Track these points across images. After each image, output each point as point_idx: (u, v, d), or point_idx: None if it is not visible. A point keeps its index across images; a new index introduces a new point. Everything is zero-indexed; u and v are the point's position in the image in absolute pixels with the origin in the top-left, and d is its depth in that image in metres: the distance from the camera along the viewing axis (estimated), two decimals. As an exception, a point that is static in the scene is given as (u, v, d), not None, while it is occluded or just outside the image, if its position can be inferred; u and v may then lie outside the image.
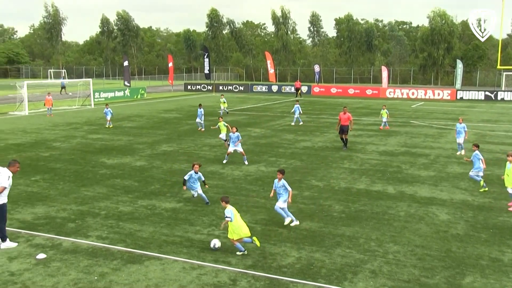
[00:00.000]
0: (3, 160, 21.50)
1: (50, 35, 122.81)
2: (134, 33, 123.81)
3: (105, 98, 54.85)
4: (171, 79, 74.12)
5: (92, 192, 16.49)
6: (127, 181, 17.94)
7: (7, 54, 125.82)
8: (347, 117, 24.75)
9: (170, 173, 19.33)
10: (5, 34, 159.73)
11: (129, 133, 30.14)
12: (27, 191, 16.66)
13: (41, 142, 26.49)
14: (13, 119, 37.50)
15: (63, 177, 18.61)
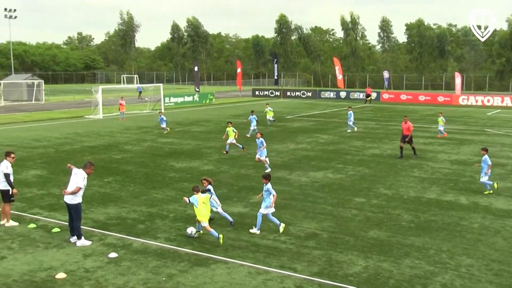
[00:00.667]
0: (79, 162, 22.48)
1: (124, 42, 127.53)
2: (203, 39, 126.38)
3: (175, 103, 56.19)
4: (239, 84, 74.93)
5: (161, 195, 16.90)
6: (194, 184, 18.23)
7: (84, 60, 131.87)
8: (407, 126, 24.13)
9: (237, 178, 19.51)
10: (83, 42, 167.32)
11: (198, 137, 30.70)
12: (100, 192, 17.30)
13: (113, 145, 27.46)
14: (88, 122, 39.12)
15: (134, 179, 19.19)
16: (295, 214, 14.80)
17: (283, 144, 27.88)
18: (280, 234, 13.01)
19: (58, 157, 23.55)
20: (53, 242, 12.40)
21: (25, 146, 26.90)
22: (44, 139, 29.56)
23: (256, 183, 18.48)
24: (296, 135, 31.87)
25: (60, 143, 28.03)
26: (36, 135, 31.39)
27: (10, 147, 26.28)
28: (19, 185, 17.68)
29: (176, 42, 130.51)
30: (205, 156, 24.10)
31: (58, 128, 34.87)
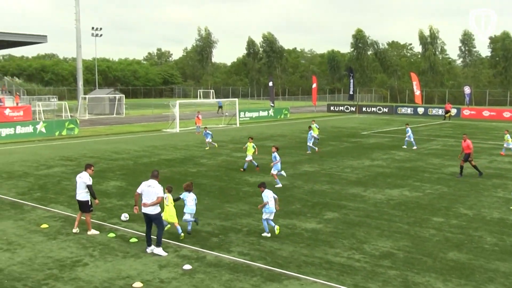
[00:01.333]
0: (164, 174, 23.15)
1: (201, 57, 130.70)
2: (278, 55, 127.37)
3: (250, 117, 56.82)
4: (314, 99, 74.79)
5: (235, 209, 17.07)
6: (269, 199, 18.30)
7: (163, 75, 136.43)
8: (466, 144, 23.24)
9: (311, 193, 19.40)
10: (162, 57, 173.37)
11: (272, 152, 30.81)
12: (176, 204, 17.67)
13: (189, 159, 28.11)
14: (165, 136, 40.30)
15: (208, 192, 19.52)
16: (370, 232, 14.49)
17: (358, 160, 27.47)
18: (353, 251, 12.78)
19: (136, 169, 24.38)
20: (131, 251, 12.81)
21: (106, 158, 28.06)
22: (123, 152, 30.73)
23: (331, 199, 18.30)
24: (372, 151, 31.33)
25: (139, 156, 29.04)
26: (116, 147, 32.70)
27: (92, 159, 27.53)
28: (100, 196, 18.43)
29: (252, 57, 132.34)
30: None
31: (137, 141, 36.17)
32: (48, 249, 12.94)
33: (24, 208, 17.05)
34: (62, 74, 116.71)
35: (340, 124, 52.18)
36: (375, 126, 49.82)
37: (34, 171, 23.89)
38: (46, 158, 27.73)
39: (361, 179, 22.20)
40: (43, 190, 19.68)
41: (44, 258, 12.32)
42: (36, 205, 17.44)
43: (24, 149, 31.87)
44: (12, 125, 38.01)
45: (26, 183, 21.22)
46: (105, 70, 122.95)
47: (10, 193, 19.31)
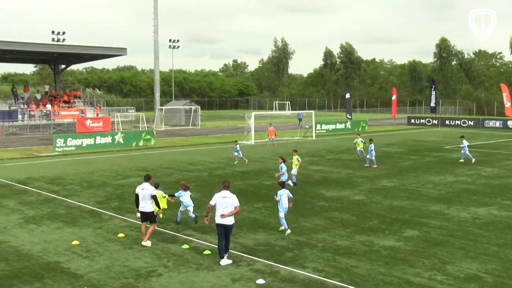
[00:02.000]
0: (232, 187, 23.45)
1: (277, 68, 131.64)
2: (356, 65, 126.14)
3: (326, 130, 56.48)
4: (394, 112, 73.31)
5: (310, 223, 16.96)
6: (345, 215, 18.09)
7: (238, 86, 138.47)
8: None
9: (389, 209, 18.97)
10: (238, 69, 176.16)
11: (349, 166, 30.47)
12: (250, 217, 17.84)
13: (263, 171, 28.27)
14: (240, 147, 40.70)
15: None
16: (453, 252, 13.94)
17: (441, 176, 26.58)
18: (435, 272, 12.33)
19: (211, 181, 24.81)
20: (204, 264, 13.01)
21: (181, 169, 28.76)
22: (198, 163, 31.38)
23: (410, 216, 17.81)
24: (455, 166, 30.24)
25: (213, 167, 29.55)
26: (191, 159, 33.45)
27: (168, 170, 28.32)
28: (175, 207, 18.95)
29: (329, 68, 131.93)
30: (356, 186, 23.80)
31: (211, 153, 36.84)
32: (124, 258, 13.41)
33: (102, 217, 17.78)
34: (140, 85, 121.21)
35: (421, 138, 50.78)
36: (459, 140, 48.00)
37: (112, 181, 24.88)
38: (123, 168, 28.81)
39: (444, 196, 21.46)
40: (120, 200, 20.44)
41: (121, 266, 12.77)
42: (114, 214, 18.14)
43: (103, 159, 33.28)
44: (92, 136, 39.82)
45: (104, 192, 22.13)
46: (181, 82, 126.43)
47: (89, 201, 20.21)
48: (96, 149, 38.31)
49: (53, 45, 54.48)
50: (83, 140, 38.60)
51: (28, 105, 52.40)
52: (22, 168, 29.51)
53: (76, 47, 51.95)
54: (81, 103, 58.67)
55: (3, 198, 20.94)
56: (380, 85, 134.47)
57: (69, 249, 14.12)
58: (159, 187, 16.50)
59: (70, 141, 37.93)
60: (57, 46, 54.59)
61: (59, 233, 15.74)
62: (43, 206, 19.43)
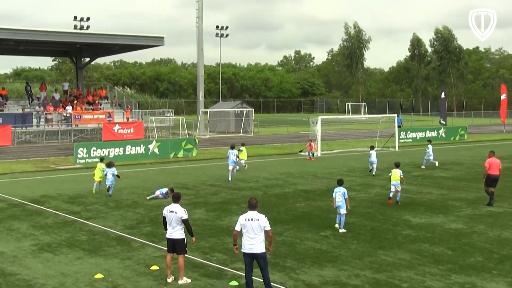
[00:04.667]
0: (291, 209, 23.46)
1: (350, 61, 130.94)
2: (455, 56, 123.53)
3: (413, 138, 55.73)
4: (503, 116, 71.54)
5: (392, 258, 16.71)
6: (438, 248, 17.72)
7: (301, 84, 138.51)
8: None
9: (498, 243, 18.45)
10: (301, 62, 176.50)
11: (443, 185, 29.88)
12: (315, 248, 17.73)
13: (332, 190, 28.02)
14: (303, 160, 40.73)
15: (357, 234, 19.32)
16: None
17: None
18: None
19: (267, 202, 24.85)
20: (257, 305, 12.99)
21: (229, 187, 28.95)
22: (251, 179, 31.50)
23: (525, 252, 17.25)
24: None
25: (270, 185, 29.59)
26: (242, 174, 33.60)
27: (213, 188, 28.57)
28: (220, 233, 19.03)
29: (417, 60, 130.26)
30: (452, 210, 23.30)
31: (267, 166, 36.92)
32: (157, 296, 13.56)
33: (132, 245, 18.08)
34: (179, 83, 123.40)
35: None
36: None
37: (145, 201, 25.30)
38: (159, 185, 29.24)
39: None
40: (154, 224, 20.73)
41: (153, 307, 12.91)
42: (146, 241, 18.41)
43: (134, 173, 33.94)
44: (121, 144, 40.70)
45: (135, 214, 22.52)
46: (230, 78, 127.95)
47: (117, 226, 20.61)
48: (126, 161, 39.12)
49: (75, 34, 55.76)
50: (110, 150, 39.51)
51: (44, 107, 53.93)
52: (37, 183, 30.45)
53: (102, 36, 53.11)
54: (108, 104, 60.13)
55: (14, 220, 21.64)
56: (485, 82, 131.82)
57: (91, 284, 14.41)
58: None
59: (95, 151, 38.89)
60: (80, 35, 56.08)
61: (79, 264, 16.09)
62: (60, 231, 19.95)
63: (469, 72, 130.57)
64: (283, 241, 18.29)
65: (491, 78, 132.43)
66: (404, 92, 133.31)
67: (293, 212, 22.92)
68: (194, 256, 16.57)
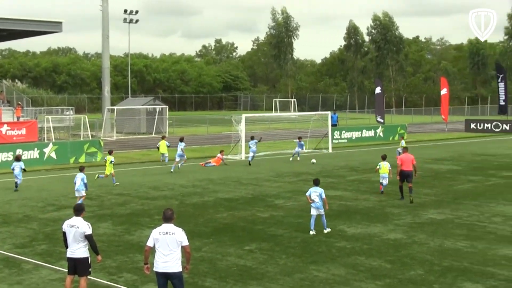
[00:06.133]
0: (212, 220, 23.40)
1: (278, 52, 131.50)
2: (394, 47, 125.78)
3: (348, 139, 56.52)
4: (444, 113, 73.38)
5: (325, 273, 16.91)
6: (375, 261, 18.03)
7: (223, 78, 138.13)
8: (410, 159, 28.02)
9: (440, 253, 18.94)
10: (223, 52, 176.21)
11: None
12: (239, 264, 17.75)
13: (259, 198, 28.21)
14: (226, 165, 40.67)
15: (286, 248, 19.45)
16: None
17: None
18: None
19: (184, 212, 24.71)
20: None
21: (140, 196, 28.67)
22: (165, 187, 31.29)
23: (470, 263, 17.79)
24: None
25: (187, 193, 29.46)
26: (155, 181, 33.36)
27: (121, 197, 28.24)
28: (130, 250, 18.79)
29: (353, 51, 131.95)
30: (391, 219, 23.77)
31: (184, 173, 36.73)
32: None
33: (22, 267, 17.62)
34: (81, 76, 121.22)
35: (485, 150, 50.87)
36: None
37: (39, 214, 24.73)
38: (56, 195, 28.68)
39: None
40: (51, 241, 20.29)
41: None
42: (40, 262, 17.98)
43: (27, 182, 33.07)
44: (10, 148, 39.67)
45: (27, 230, 21.97)
46: (141, 71, 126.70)
47: (4, 245, 20.03)
48: (17, 167, 38.08)
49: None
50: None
51: None
52: None
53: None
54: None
55: None
56: (426, 75, 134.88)
57: (-26, 313, 13.98)
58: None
59: (-23, 156, 37.86)
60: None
61: (-40, 290, 15.60)
62: None
63: (409, 64, 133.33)
64: (202, 257, 18.23)
65: (432, 71, 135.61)
66: (339, 86, 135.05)
67: (213, 223, 22.87)
68: (99, 277, 16.30)
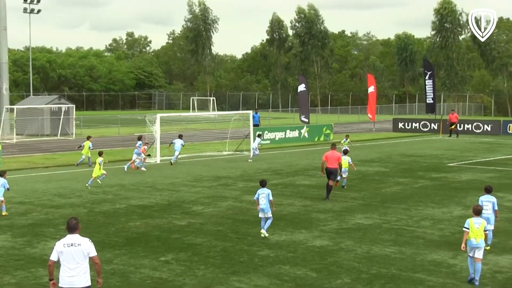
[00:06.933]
0: (124, 229, 23.22)
1: (195, 46, 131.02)
2: (320, 42, 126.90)
3: (271, 140, 56.66)
4: (371, 112, 74.40)
5: (247, 284, 16.99)
6: (300, 270, 18.20)
7: (136, 74, 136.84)
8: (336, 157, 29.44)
9: (367, 260, 19.24)
10: (136, 46, 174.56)
11: (306, 194, 30.74)
12: (154, 276, 17.69)
13: (175, 205, 28.10)
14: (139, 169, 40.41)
15: (205, 258, 19.44)
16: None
17: (443, 208, 27.26)
18: None
19: (93, 221, 24.45)
20: None
21: (44, 205, 28.17)
22: (72, 194, 30.85)
23: (399, 270, 18.14)
24: (465, 193, 31.11)
25: (96, 200, 29.12)
26: (60, 187, 32.85)
27: (23, 206, 27.70)
28: (32, 264, 18.49)
29: (276, 46, 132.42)
30: (316, 224, 24.03)
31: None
32: None
33: None
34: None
35: (413, 151, 51.92)
36: (471, 154, 49.51)
37: None
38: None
39: (449, 238, 22.00)
40: None
41: None
42: None
43: None
44: None
45: None
46: (44, 66, 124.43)
47: None
48: None
49: None
50: None
51: None
52: None
53: None
54: None
55: None
56: (353, 72, 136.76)
57: None
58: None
59: None
60: None
61: None
62: None
63: (334, 60, 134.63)
64: (114, 270, 18.07)
65: (359, 67, 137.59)
66: (261, 84, 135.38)
67: (126, 233, 22.69)
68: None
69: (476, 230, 16.88)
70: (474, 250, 16.89)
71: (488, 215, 19.89)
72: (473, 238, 16.85)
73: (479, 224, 17.02)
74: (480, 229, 16.94)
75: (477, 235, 16.84)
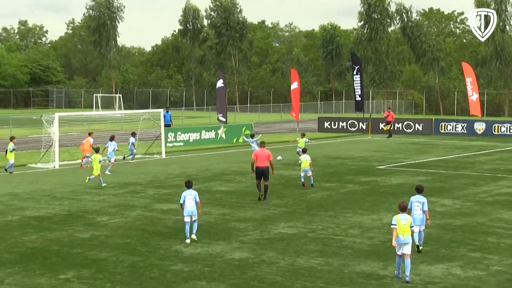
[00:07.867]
0: (16, 244, 22.78)
1: (98, 37, 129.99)
2: (237, 33, 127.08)
3: (184, 141, 56.49)
4: (295, 110, 74.87)
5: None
6: (218, 286, 18.19)
7: (30, 68, 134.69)
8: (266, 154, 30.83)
9: (291, 273, 19.33)
10: (30, 37, 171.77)
11: (223, 202, 30.72)
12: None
13: (77, 215, 27.74)
14: (35, 175, 39.76)
15: (111, 274, 19.26)
16: None
17: (372, 215, 27.62)
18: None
19: (-19, 236, 23.95)
20: None
21: None
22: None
23: (326, 284, 18.26)
24: (396, 198, 31.48)
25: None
26: None
27: None
28: None
29: (190, 37, 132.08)
30: (236, 235, 24.06)
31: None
32: None
33: None
34: None
35: (340, 153, 52.50)
36: (401, 156, 50.30)
37: None
38: None
39: (379, 247, 22.28)
40: None
41: None
42: None
43: None
44: None
45: None
46: None
47: None
48: None
49: None
50: None
51: None
52: None
53: None
54: None
55: None
56: (274, 66, 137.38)
57: None
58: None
59: None
60: None
61: None
62: None
63: (254, 53, 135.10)
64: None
65: (280, 61, 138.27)
66: (173, 79, 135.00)
67: (19, 248, 22.26)
68: None
69: (403, 226, 18.14)
70: (403, 247, 18.05)
71: (418, 215, 21.20)
72: (400, 235, 18.06)
73: (405, 220, 18.33)
74: (406, 225, 18.24)
75: (404, 231, 18.10)
